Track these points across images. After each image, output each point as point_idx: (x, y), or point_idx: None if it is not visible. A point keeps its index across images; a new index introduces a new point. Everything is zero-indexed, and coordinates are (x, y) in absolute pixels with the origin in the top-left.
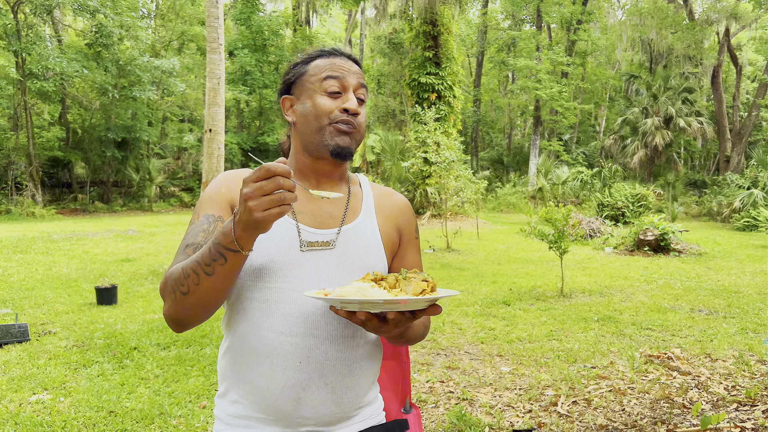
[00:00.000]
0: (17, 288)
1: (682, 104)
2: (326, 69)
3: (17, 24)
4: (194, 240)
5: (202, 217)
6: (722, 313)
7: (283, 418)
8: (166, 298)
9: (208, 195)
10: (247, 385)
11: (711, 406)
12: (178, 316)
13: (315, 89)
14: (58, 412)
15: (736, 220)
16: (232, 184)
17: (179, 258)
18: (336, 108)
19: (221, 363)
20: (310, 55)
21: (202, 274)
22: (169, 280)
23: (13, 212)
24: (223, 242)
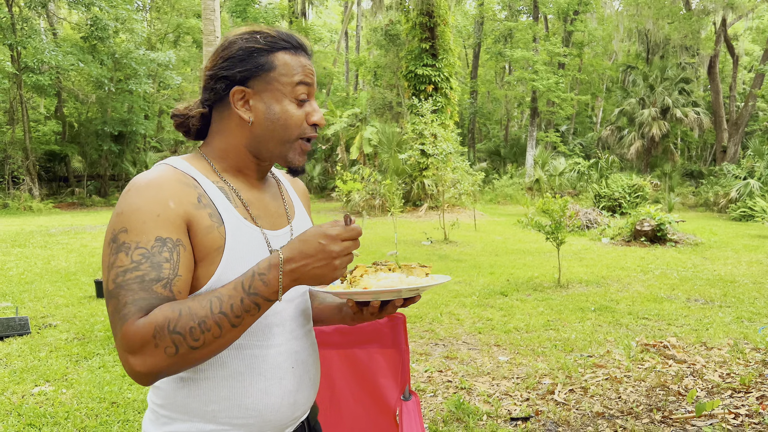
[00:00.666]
0: (17, 282)
1: (678, 95)
2: (298, 72)
3: (12, 17)
4: (159, 274)
5: (155, 240)
6: (718, 303)
7: (278, 426)
8: (151, 351)
9: (151, 210)
10: (234, 410)
11: (706, 393)
12: (171, 369)
13: (285, 93)
14: (60, 404)
15: (733, 210)
16: (178, 193)
17: (141, 295)
18: (303, 120)
19: (174, 396)
20: (273, 41)
21: (227, 326)
22: (164, 331)
23: (10, 206)
24: (264, 293)
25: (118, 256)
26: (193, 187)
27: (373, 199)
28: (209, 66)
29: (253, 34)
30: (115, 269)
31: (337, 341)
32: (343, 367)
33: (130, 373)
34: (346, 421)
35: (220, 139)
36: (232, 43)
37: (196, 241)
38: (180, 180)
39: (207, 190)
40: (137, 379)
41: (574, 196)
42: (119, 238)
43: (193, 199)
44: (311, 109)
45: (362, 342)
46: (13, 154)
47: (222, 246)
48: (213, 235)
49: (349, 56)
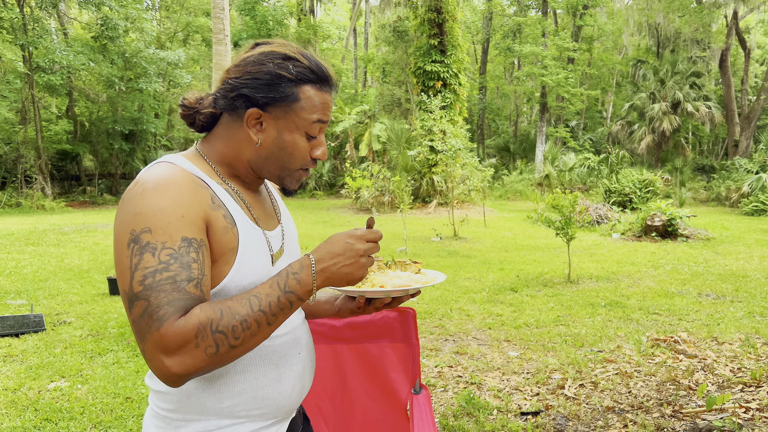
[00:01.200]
0: (31, 279)
1: (689, 89)
2: (319, 109)
3: (23, 18)
4: (190, 274)
5: (182, 241)
6: (729, 298)
7: (288, 411)
8: (192, 351)
9: (175, 210)
10: (250, 403)
11: (716, 387)
12: (205, 369)
13: (299, 126)
14: (76, 399)
15: (745, 204)
16: (198, 195)
17: (176, 296)
18: (308, 153)
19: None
20: (301, 72)
21: (264, 324)
22: (206, 330)
23: (23, 205)
24: (299, 292)
25: (143, 257)
26: (205, 188)
27: (382, 195)
28: (233, 74)
29: (286, 60)
30: (141, 270)
31: (348, 336)
32: (354, 361)
33: (162, 375)
34: (358, 415)
35: (225, 145)
36: (263, 62)
37: (213, 241)
38: (193, 181)
39: (216, 191)
40: (170, 380)
41: (584, 192)
42: (142, 238)
43: (209, 199)
44: (317, 144)
45: (373, 336)
46: (26, 153)
47: (236, 247)
48: (228, 236)
49: (358, 53)
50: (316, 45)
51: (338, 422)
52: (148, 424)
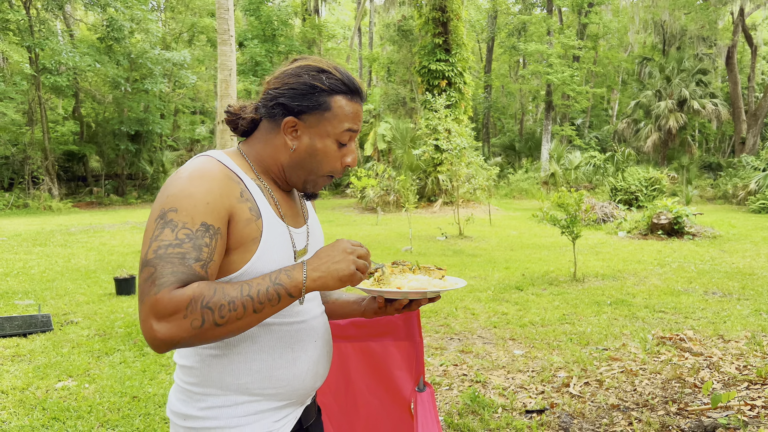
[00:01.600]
0: (38, 280)
1: (696, 86)
2: (351, 119)
3: (29, 20)
4: (199, 255)
5: (200, 225)
6: (736, 296)
7: (302, 395)
8: (179, 320)
9: (202, 197)
10: (265, 382)
11: (722, 385)
12: (188, 341)
13: (330, 133)
14: (83, 398)
15: (752, 202)
16: (226, 187)
17: (180, 269)
18: (338, 160)
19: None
20: (333, 83)
21: (249, 309)
22: (197, 303)
23: (30, 206)
24: (288, 286)
25: (163, 231)
26: (237, 182)
27: (387, 195)
28: (273, 85)
29: (320, 73)
30: (158, 241)
31: (352, 334)
32: (358, 359)
33: (149, 339)
34: (362, 413)
35: (263, 148)
36: (300, 75)
37: (235, 231)
38: (227, 175)
39: (248, 186)
40: (154, 344)
41: (590, 190)
42: (168, 215)
43: (237, 193)
44: (348, 151)
45: (377, 335)
46: (33, 154)
47: (258, 237)
48: (251, 227)
49: (363, 53)
50: (321, 45)
51: (342, 420)
52: (173, 398)
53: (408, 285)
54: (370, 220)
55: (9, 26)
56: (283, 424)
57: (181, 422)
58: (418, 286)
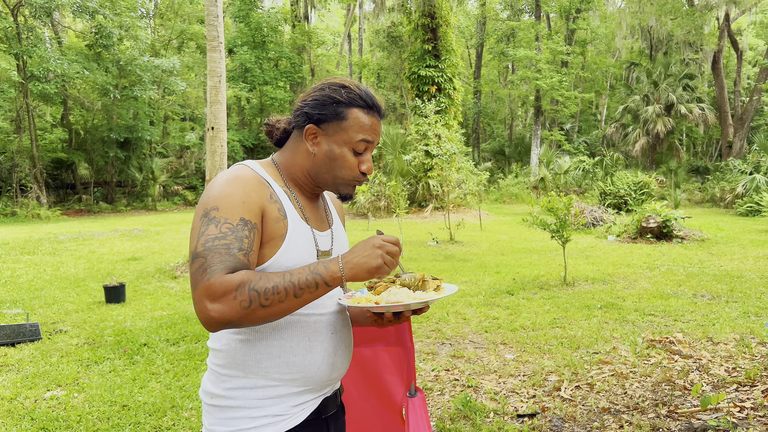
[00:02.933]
0: (27, 288)
1: (683, 91)
2: (366, 130)
3: (17, 27)
4: (242, 245)
5: (240, 221)
6: (725, 298)
7: (318, 383)
8: (230, 301)
9: (239, 197)
10: (283, 367)
11: (711, 387)
12: (238, 320)
13: (347, 141)
14: (72, 407)
15: (739, 205)
16: (258, 188)
17: (227, 258)
18: (357, 166)
19: (233, 356)
20: (353, 97)
21: (291, 294)
22: (245, 287)
23: (18, 214)
24: (325, 275)
25: (209, 227)
26: (267, 186)
27: (378, 200)
28: (302, 98)
29: (341, 88)
30: (205, 236)
31: None
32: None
33: (203, 318)
34: (353, 419)
35: (291, 156)
36: (323, 88)
37: (266, 227)
38: (258, 179)
39: (276, 190)
40: (208, 322)
41: (579, 194)
42: (211, 213)
43: (267, 195)
44: (364, 159)
45: (367, 340)
46: (21, 162)
47: (284, 235)
48: (279, 225)
49: (352, 59)
50: (311, 51)
51: None
52: (205, 379)
53: (388, 299)
54: (361, 226)
55: None
56: (301, 409)
57: (208, 400)
58: (397, 299)
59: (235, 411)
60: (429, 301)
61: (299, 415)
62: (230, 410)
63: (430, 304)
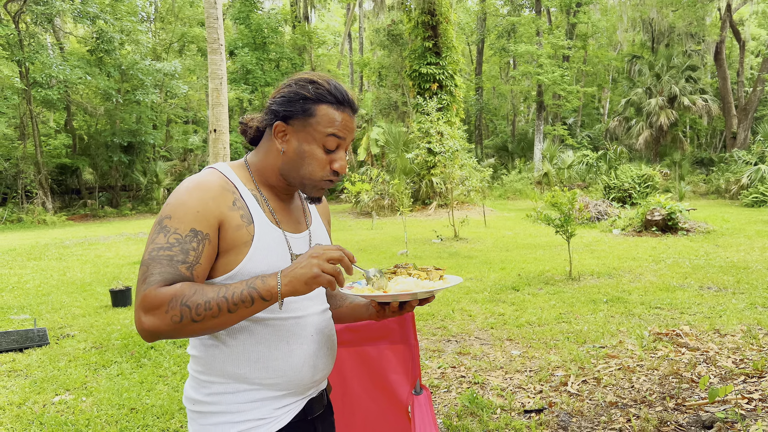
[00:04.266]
0: (34, 294)
1: (685, 82)
2: (335, 126)
3: (19, 34)
4: (186, 258)
5: (189, 231)
6: (731, 290)
7: (300, 386)
8: (161, 314)
9: (193, 206)
10: (263, 372)
11: (719, 379)
12: (169, 334)
13: (315, 138)
14: (81, 412)
15: (745, 196)
16: (218, 197)
17: (167, 270)
18: (327, 164)
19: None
20: (321, 93)
21: (224, 310)
22: (177, 301)
23: (24, 220)
24: (260, 289)
25: (158, 235)
26: (231, 192)
27: (381, 199)
28: (271, 96)
29: (308, 83)
30: (153, 245)
31: (347, 339)
32: (354, 364)
33: (138, 329)
34: (359, 418)
35: (263, 156)
36: (290, 85)
37: (226, 236)
38: (222, 185)
39: (243, 195)
40: (142, 333)
41: (583, 189)
42: (163, 222)
43: (229, 202)
44: (336, 158)
45: (372, 339)
46: (26, 168)
47: (249, 241)
48: (242, 232)
49: (353, 58)
50: (312, 51)
51: (340, 425)
52: (187, 386)
53: (395, 288)
54: (365, 225)
55: None
56: (284, 412)
57: (191, 407)
58: (404, 288)
59: (217, 416)
60: (436, 290)
61: (283, 418)
62: (212, 416)
63: (437, 293)
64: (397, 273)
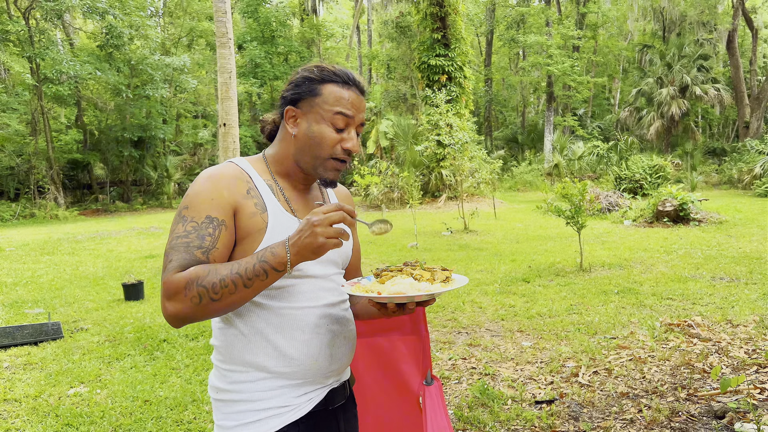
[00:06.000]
0: (47, 288)
1: (697, 72)
2: (340, 103)
3: (29, 30)
4: (201, 243)
5: (205, 218)
6: (744, 280)
7: (318, 375)
8: (181, 298)
9: (208, 195)
10: (279, 360)
11: (731, 369)
12: (192, 316)
13: (323, 117)
14: (95, 404)
15: (757, 186)
16: (232, 185)
17: (183, 256)
18: (337, 143)
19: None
20: (326, 74)
21: (240, 285)
22: (193, 284)
23: (37, 215)
24: (272, 261)
25: (177, 225)
26: (245, 181)
27: (391, 192)
28: (284, 87)
29: (314, 67)
30: (173, 234)
31: (359, 330)
32: (365, 355)
33: (164, 315)
34: (371, 408)
35: (279, 146)
36: (298, 72)
37: (241, 224)
38: (236, 175)
39: (257, 185)
40: (169, 320)
41: (594, 180)
42: (182, 212)
43: (243, 191)
44: (347, 137)
45: (383, 330)
46: (37, 164)
47: (264, 228)
48: (256, 219)
49: (362, 50)
50: (320, 44)
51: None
52: (211, 375)
53: (390, 289)
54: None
55: (9, 37)
56: (305, 400)
57: (215, 395)
58: (398, 290)
59: (239, 405)
60: (429, 294)
61: (305, 406)
62: (234, 404)
63: (436, 296)
64: (403, 272)
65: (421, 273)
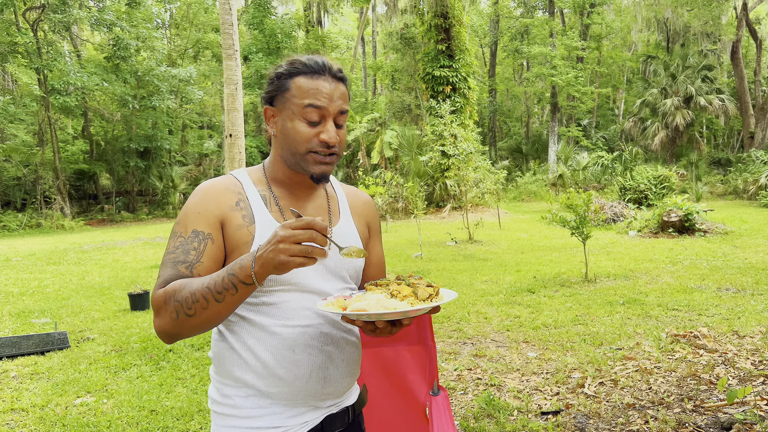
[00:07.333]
0: (54, 298)
1: (702, 82)
2: (308, 95)
3: (37, 42)
4: (186, 258)
5: (191, 233)
6: (750, 291)
7: (310, 398)
8: (163, 314)
9: (195, 209)
10: (269, 379)
11: (738, 381)
12: (175, 332)
13: (295, 113)
14: (102, 413)
15: (763, 196)
16: (221, 197)
17: (168, 272)
18: (314, 137)
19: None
20: (295, 66)
21: (211, 300)
22: (170, 299)
23: (43, 225)
24: (239, 275)
25: (170, 241)
26: (236, 193)
27: (396, 202)
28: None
29: (285, 62)
30: (166, 250)
31: (364, 340)
32: (371, 365)
33: (156, 331)
34: (377, 419)
35: (271, 152)
36: (271, 71)
37: (228, 236)
38: (226, 187)
39: (249, 196)
40: (158, 336)
41: (598, 190)
42: (174, 228)
43: (232, 202)
44: (322, 129)
45: (389, 340)
46: (44, 174)
47: (250, 241)
48: (242, 231)
49: (367, 61)
50: (325, 55)
51: None
52: (210, 386)
53: (353, 305)
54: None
55: (17, 49)
56: (299, 423)
57: (212, 407)
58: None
59: (231, 419)
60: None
61: (299, 429)
62: (228, 418)
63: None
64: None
65: (400, 289)
